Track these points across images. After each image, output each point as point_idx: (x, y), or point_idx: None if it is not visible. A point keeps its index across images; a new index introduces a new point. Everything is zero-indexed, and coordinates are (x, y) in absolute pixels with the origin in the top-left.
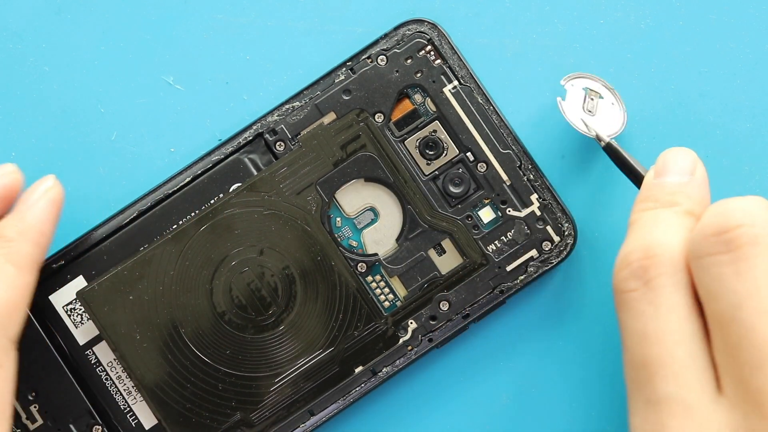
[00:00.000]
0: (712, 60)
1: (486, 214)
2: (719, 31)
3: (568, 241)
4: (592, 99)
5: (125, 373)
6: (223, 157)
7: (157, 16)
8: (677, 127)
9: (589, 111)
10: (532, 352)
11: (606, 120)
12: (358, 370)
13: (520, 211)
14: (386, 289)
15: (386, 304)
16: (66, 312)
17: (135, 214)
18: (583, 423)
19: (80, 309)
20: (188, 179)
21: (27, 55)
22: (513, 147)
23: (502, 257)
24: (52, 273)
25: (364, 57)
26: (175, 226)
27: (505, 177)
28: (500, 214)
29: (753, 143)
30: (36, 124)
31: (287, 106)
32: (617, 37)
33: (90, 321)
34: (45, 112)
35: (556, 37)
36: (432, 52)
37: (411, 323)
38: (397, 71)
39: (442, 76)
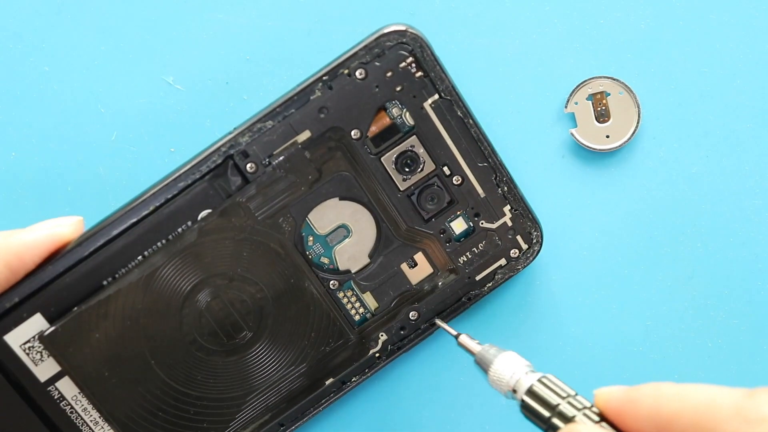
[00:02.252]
0: (712, 60)
1: (458, 225)
2: (719, 31)
3: (535, 248)
4: (600, 104)
5: (91, 405)
6: (190, 182)
7: (157, 16)
8: (677, 128)
9: (602, 117)
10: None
11: (621, 114)
12: (328, 382)
13: (493, 223)
14: (357, 303)
15: (356, 317)
16: (24, 351)
17: (97, 245)
18: None
19: (39, 346)
20: (153, 208)
21: (27, 55)
22: (489, 159)
23: (472, 268)
24: (5, 312)
25: (341, 70)
26: (140, 257)
27: (480, 190)
28: (472, 225)
29: (753, 143)
30: (36, 124)
31: (259, 126)
32: (617, 38)
33: (51, 357)
34: (45, 112)
35: (556, 37)
36: (413, 65)
37: (382, 335)
38: (377, 86)
39: (423, 90)
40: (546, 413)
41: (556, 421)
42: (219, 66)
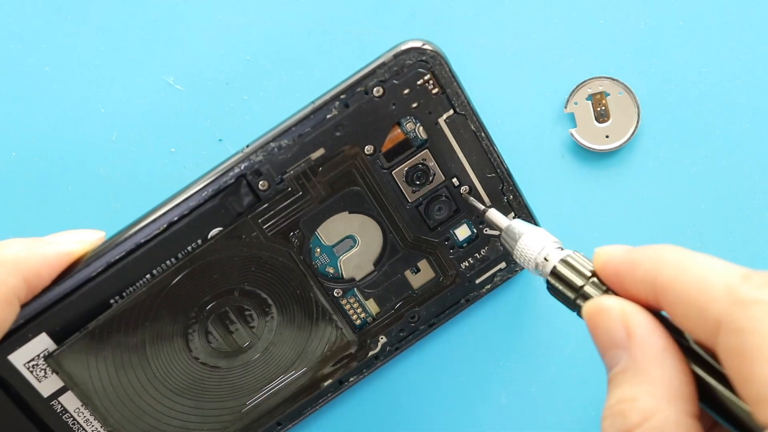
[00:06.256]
0: (712, 60)
1: (462, 232)
2: (719, 31)
3: None
4: (600, 104)
5: (93, 417)
6: (202, 201)
7: (157, 16)
8: (677, 128)
9: (602, 117)
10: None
11: (621, 114)
12: (326, 383)
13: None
14: (359, 309)
15: (357, 322)
16: (28, 369)
17: (105, 264)
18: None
19: (43, 364)
20: (164, 227)
21: (27, 55)
22: (498, 170)
23: (473, 272)
24: (10, 332)
25: (358, 88)
26: (149, 275)
27: (486, 199)
28: (475, 231)
29: (753, 143)
30: (36, 124)
31: (273, 144)
32: (617, 38)
33: (54, 374)
34: (45, 112)
35: (556, 37)
36: (430, 81)
37: (382, 338)
38: (393, 104)
39: (439, 107)
40: (571, 294)
41: (580, 302)
42: (219, 66)
